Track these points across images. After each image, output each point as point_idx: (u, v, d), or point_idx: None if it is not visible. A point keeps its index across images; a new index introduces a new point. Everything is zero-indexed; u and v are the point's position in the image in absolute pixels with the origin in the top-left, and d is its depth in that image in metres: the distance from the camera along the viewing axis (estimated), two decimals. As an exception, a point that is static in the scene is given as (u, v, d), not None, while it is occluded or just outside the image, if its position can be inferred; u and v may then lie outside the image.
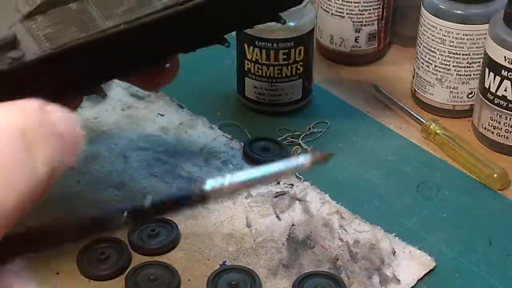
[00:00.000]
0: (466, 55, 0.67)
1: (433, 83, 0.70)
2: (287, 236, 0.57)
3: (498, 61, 0.63)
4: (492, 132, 0.66)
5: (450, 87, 0.69)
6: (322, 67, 0.77)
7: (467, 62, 0.68)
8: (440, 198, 0.62)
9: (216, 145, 0.66)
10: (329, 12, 0.76)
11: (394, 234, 0.58)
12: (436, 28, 0.67)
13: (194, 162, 0.64)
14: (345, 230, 0.58)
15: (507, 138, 0.65)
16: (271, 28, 0.65)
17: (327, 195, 0.61)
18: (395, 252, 0.56)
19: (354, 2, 0.74)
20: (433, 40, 0.68)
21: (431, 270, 0.55)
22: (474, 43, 0.66)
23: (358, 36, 0.76)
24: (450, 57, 0.68)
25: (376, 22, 0.76)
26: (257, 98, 0.70)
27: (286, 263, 0.55)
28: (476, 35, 0.66)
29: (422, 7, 0.68)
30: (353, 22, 0.75)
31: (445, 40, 0.67)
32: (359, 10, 0.75)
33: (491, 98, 0.64)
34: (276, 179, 0.43)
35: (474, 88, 0.68)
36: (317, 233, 0.58)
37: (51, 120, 0.30)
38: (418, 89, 0.71)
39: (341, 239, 0.57)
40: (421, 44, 0.69)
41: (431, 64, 0.69)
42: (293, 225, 0.58)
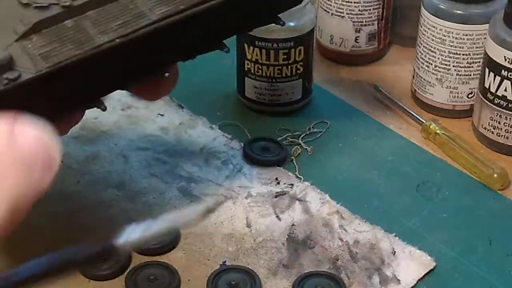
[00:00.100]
0: (466, 55, 0.67)
1: (433, 83, 0.70)
2: (287, 236, 0.57)
3: (498, 61, 0.63)
4: (492, 132, 0.66)
5: (450, 87, 0.69)
6: (322, 67, 0.77)
7: (467, 62, 0.68)
8: (440, 198, 0.62)
9: (216, 145, 0.66)
10: (329, 12, 0.76)
11: (394, 234, 0.58)
12: (436, 28, 0.67)
13: (194, 162, 0.64)
14: (345, 230, 0.58)
15: (507, 138, 0.65)
16: (271, 28, 0.65)
17: (327, 195, 0.61)
18: (395, 252, 0.56)
19: (354, 2, 0.74)
20: (433, 40, 0.68)
21: (431, 270, 0.55)
22: (474, 43, 0.66)
23: (358, 36, 0.76)
24: (450, 57, 0.68)
25: (376, 22, 0.76)
26: (257, 98, 0.70)
27: (286, 263, 0.55)
28: (476, 35, 0.66)
29: (422, 7, 0.68)
30: (353, 22, 0.75)
31: (445, 40, 0.67)
32: (359, 10, 0.75)
33: (491, 98, 0.64)
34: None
35: (474, 88, 0.68)
36: (317, 233, 0.58)
37: (18, 144, 0.24)
38: (418, 89, 0.71)
39: (341, 239, 0.57)
40: (421, 44, 0.69)
41: (431, 64, 0.69)
42: (293, 225, 0.58)
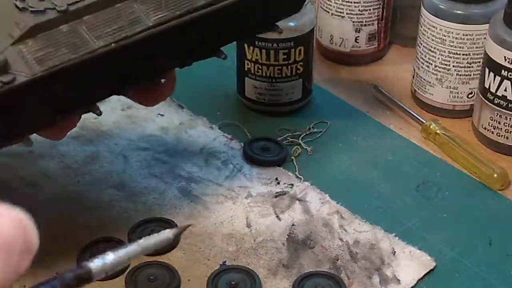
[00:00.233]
0: (466, 55, 0.67)
1: (433, 83, 0.70)
2: (287, 236, 0.57)
3: (498, 61, 0.63)
4: (492, 132, 0.66)
5: (450, 87, 0.69)
6: (322, 67, 0.77)
7: (467, 62, 0.68)
8: (440, 198, 0.62)
9: (216, 145, 0.66)
10: (329, 12, 0.76)
11: (394, 234, 0.58)
12: (436, 28, 0.67)
13: (194, 162, 0.64)
14: (345, 230, 0.58)
15: (507, 138, 0.65)
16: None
17: (327, 195, 0.61)
18: (395, 252, 0.56)
19: (354, 2, 0.74)
20: (433, 40, 0.68)
21: (431, 270, 0.55)
22: (474, 43, 0.66)
23: (358, 36, 0.76)
24: (450, 57, 0.68)
25: (376, 22, 0.76)
26: (257, 98, 0.70)
27: (286, 263, 0.55)
28: (476, 35, 0.66)
29: (422, 7, 0.68)
30: (353, 22, 0.75)
31: (445, 40, 0.67)
32: (359, 10, 0.75)
33: (491, 98, 0.64)
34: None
35: (474, 88, 0.68)
36: (317, 233, 0.58)
37: None
38: (418, 89, 0.71)
39: (341, 239, 0.57)
40: (421, 44, 0.69)
41: (431, 64, 0.69)
42: (293, 225, 0.58)
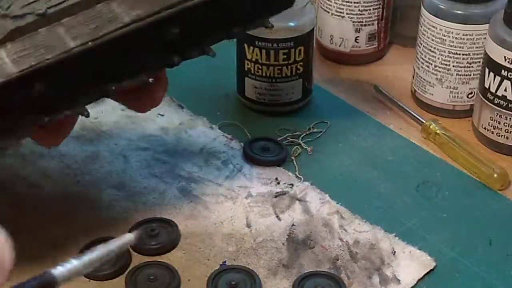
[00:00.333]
0: (466, 55, 0.67)
1: (433, 83, 0.70)
2: (287, 236, 0.57)
3: (498, 61, 0.63)
4: (492, 132, 0.66)
5: (450, 87, 0.69)
6: (322, 67, 0.77)
7: (467, 62, 0.68)
8: (440, 198, 0.62)
9: (216, 145, 0.66)
10: (329, 12, 0.76)
11: (394, 234, 0.58)
12: (436, 28, 0.67)
13: (194, 162, 0.64)
14: (345, 230, 0.58)
15: (507, 138, 0.65)
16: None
17: (327, 195, 0.61)
18: (395, 252, 0.56)
19: (354, 2, 0.74)
20: (433, 40, 0.68)
21: (431, 270, 0.55)
22: (474, 43, 0.66)
23: (358, 36, 0.76)
24: (450, 57, 0.68)
25: (376, 22, 0.76)
26: (257, 98, 0.70)
27: (286, 263, 0.55)
28: (476, 35, 0.66)
29: (422, 7, 0.68)
30: (353, 22, 0.75)
31: (445, 40, 0.67)
32: (359, 10, 0.75)
33: (491, 98, 0.64)
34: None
35: (474, 88, 0.68)
36: (317, 233, 0.58)
37: None
38: (418, 89, 0.71)
39: (341, 239, 0.57)
40: (421, 44, 0.69)
41: (431, 64, 0.69)
42: (293, 225, 0.58)
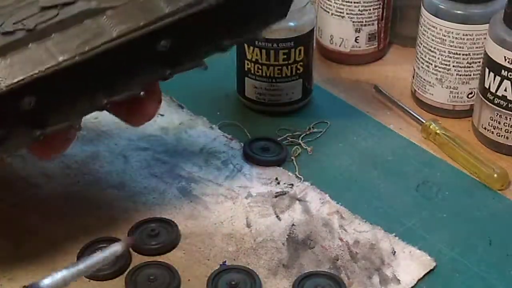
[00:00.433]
0: (466, 55, 0.67)
1: (433, 83, 0.70)
2: (287, 236, 0.57)
3: (498, 61, 0.63)
4: (492, 132, 0.66)
5: (450, 87, 0.69)
6: (322, 67, 0.77)
7: (467, 62, 0.68)
8: (440, 198, 0.62)
9: (216, 145, 0.66)
10: (329, 12, 0.76)
11: (394, 234, 0.58)
12: (436, 28, 0.67)
13: (194, 162, 0.64)
14: (345, 230, 0.58)
15: (507, 138, 0.65)
16: (271, 28, 0.65)
17: (327, 195, 0.61)
18: (395, 252, 0.56)
19: (354, 2, 0.74)
20: (433, 40, 0.68)
21: (431, 270, 0.55)
22: (474, 43, 0.66)
23: (358, 36, 0.76)
24: (450, 57, 0.68)
25: (376, 22, 0.76)
26: (257, 98, 0.70)
27: (286, 263, 0.55)
28: (476, 35, 0.66)
29: (422, 7, 0.68)
30: (353, 22, 0.75)
31: (445, 40, 0.67)
32: (359, 10, 0.75)
33: (491, 98, 0.64)
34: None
35: (474, 88, 0.68)
36: (317, 233, 0.58)
37: None
38: (418, 89, 0.71)
39: (341, 239, 0.57)
40: (421, 44, 0.69)
41: (431, 64, 0.69)
42: (293, 225, 0.58)
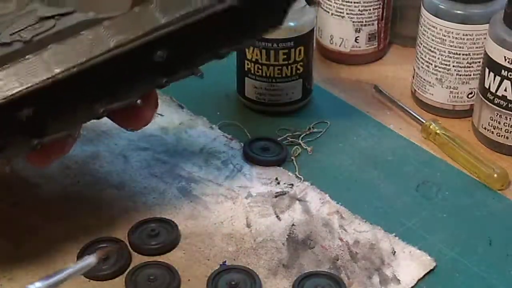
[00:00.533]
0: (466, 55, 0.67)
1: (433, 83, 0.70)
2: (287, 236, 0.57)
3: (498, 61, 0.63)
4: (492, 132, 0.66)
5: (450, 87, 0.69)
6: (322, 67, 0.77)
7: (467, 62, 0.68)
8: (440, 198, 0.62)
9: (216, 145, 0.66)
10: (329, 12, 0.76)
11: (394, 234, 0.58)
12: (436, 28, 0.67)
13: (194, 162, 0.64)
14: (345, 230, 0.58)
15: (507, 138, 0.65)
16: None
17: (327, 195, 0.61)
18: (395, 252, 0.56)
19: (354, 2, 0.74)
20: (433, 40, 0.68)
21: (431, 270, 0.55)
22: (474, 43, 0.66)
23: (358, 36, 0.76)
24: (450, 57, 0.68)
25: (376, 22, 0.76)
26: (257, 98, 0.70)
27: (286, 263, 0.55)
28: (476, 35, 0.66)
29: (422, 7, 0.68)
30: (353, 22, 0.75)
31: (445, 40, 0.67)
32: (359, 10, 0.75)
33: (491, 98, 0.64)
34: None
35: (474, 88, 0.68)
36: (317, 233, 0.58)
37: None
38: (418, 89, 0.71)
39: (341, 239, 0.57)
40: (421, 44, 0.69)
41: (431, 64, 0.69)
42: (293, 225, 0.58)
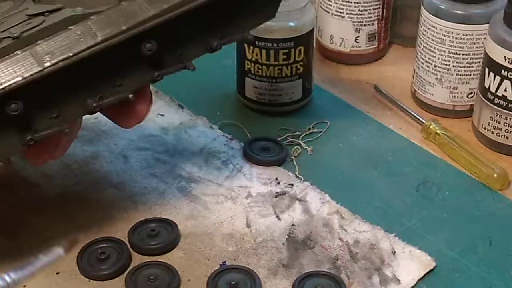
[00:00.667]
0: (466, 55, 0.67)
1: (433, 83, 0.70)
2: (287, 236, 0.57)
3: (498, 61, 0.63)
4: (492, 132, 0.66)
5: (450, 87, 0.69)
6: (322, 67, 0.77)
7: (467, 62, 0.68)
8: (440, 198, 0.62)
9: (216, 145, 0.66)
10: (329, 12, 0.76)
11: (394, 234, 0.58)
12: (436, 28, 0.67)
13: (194, 162, 0.64)
14: (345, 230, 0.58)
15: (507, 138, 0.65)
16: (271, 28, 0.65)
17: (327, 195, 0.61)
18: (395, 252, 0.56)
19: (354, 2, 0.74)
20: (433, 40, 0.68)
21: (431, 270, 0.55)
22: (474, 43, 0.66)
23: (358, 36, 0.76)
24: (450, 57, 0.68)
25: (376, 22, 0.76)
26: (257, 98, 0.70)
27: (286, 263, 0.55)
28: (476, 35, 0.66)
29: (422, 7, 0.68)
30: (353, 22, 0.75)
31: (445, 40, 0.67)
32: (359, 10, 0.75)
33: (491, 98, 0.64)
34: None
35: (474, 88, 0.68)
36: (317, 233, 0.58)
37: None
38: (418, 89, 0.71)
39: (341, 239, 0.57)
40: (421, 44, 0.69)
41: (431, 64, 0.69)
42: (293, 225, 0.58)
